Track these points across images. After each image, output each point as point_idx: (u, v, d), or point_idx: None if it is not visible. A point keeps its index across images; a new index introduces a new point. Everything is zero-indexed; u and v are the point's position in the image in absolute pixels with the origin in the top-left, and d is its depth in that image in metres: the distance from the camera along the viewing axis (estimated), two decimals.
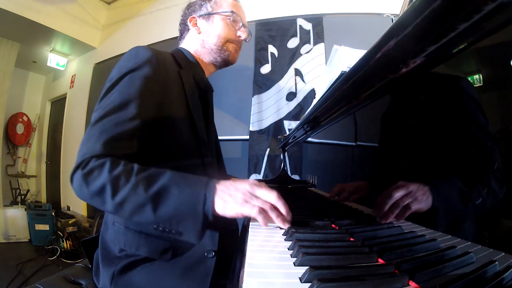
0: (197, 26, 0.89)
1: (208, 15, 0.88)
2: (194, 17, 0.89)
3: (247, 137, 2.44)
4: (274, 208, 0.57)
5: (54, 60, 3.92)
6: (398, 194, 0.48)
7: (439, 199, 0.40)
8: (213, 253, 0.64)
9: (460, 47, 0.34)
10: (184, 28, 0.92)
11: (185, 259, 0.64)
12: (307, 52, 2.39)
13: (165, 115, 0.68)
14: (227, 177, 1.04)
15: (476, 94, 0.34)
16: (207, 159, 0.76)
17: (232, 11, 0.88)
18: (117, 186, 0.54)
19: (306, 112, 0.97)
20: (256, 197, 0.57)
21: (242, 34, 0.90)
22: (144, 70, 0.65)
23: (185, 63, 0.83)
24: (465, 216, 0.36)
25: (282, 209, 0.57)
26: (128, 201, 0.54)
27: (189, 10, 0.91)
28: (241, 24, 0.90)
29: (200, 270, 0.63)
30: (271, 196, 0.57)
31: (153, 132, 0.65)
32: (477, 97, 0.34)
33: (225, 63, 0.91)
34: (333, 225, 0.58)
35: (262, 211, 0.56)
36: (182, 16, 0.94)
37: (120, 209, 0.54)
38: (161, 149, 0.68)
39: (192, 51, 0.89)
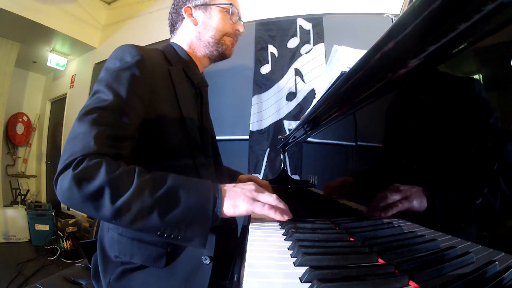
0: (193, 17, 0.83)
1: (205, 5, 0.82)
2: (190, 7, 0.83)
3: (247, 137, 2.44)
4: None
5: (54, 60, 3.92)
6: (390, 193, 0.48)
7: (438, 201, 0.40)
8: (209, 259, 0.62)
9: (460, 47, 0.34)
10: (177, 18, 0.86)
11: (181, 266, 0.63)
12: (307, 52, 2.39)
13: (154, 116, 0.66)
14: (224, 176, 1.03)
15: (486, 95, 0.34)
16: (199, 160, 0.73)
17: (231, 4, 0.83)
18: (118, 189, 0.49)
19: (306, 112, 0.97)
20: (263, 193, 0.59)
21: (240, 27, 0.87)
22: (132, 70, 0.63)
23: (176, 60, 0.79)
24: (476, 218, 0.36)
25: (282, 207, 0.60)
26: (132, 206, 0.49)
27: None
28: (238, 17, 0.86)
29: (196, 277, 0.62)
30: (273, 196, 0.60)
31: (142, 133, 0.64)
32: (487, 98, 0.34)
33: (221, 57, 0.87)
34: (336, 228, 0.58)
35: (273, 207, 0.58)
36: (174, 4, 0.87)
37: (120, 215, 0.49)
38: (151, 151, 0.66)
39: (185, 44, 0.84)
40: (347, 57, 0.65)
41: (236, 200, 0.56)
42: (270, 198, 0.59)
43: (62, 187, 0.50)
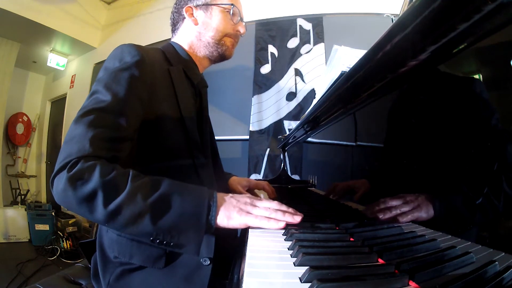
0: (194, 17, 0.83)
1: (206, 5, 0.82)
2: (191, 7, 0.83)
3: (247, 137, 2.44)
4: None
5: (54, 60, 3.92)
6: (395, 201, 0.48)
7: (438, 201, 0.40)
8: (209, 260, 0.62)
9: (460, 47, 0.34)
10: (178, 18, 0.86)
11: (180, 267, 0.62)
12: (307, 52, 2.39)
13: (153, 116, 0.65)
14: (224, 176, 1.03)
15: (487, 95, 0.34)
16: (199, 161, 0.73)
17: (232, 4, 0.83)
18: (111, 192, 0.49)
19: (306, 112, 0.97)
20: (258, 207, 0.58)
21: (241, 28, 0.86)
22: (131, 71, 0.62)
23: (176, 60, 0.79)
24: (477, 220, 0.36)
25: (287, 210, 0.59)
26: (123, 210, 0.49)
27: None
28: (239, 18, 0.85)
29: (196, 278, 0.61)
30: (272, 204, 0.59)
31: (141, 134, 0.63)
32: (488, 98, 0.34)
33: (221, 58, 0.87)
34: (336, 228, 0.58)
35: (268, 218, 0.56)
36: (176, 4, 0.87)
37: (112, 218, 0.49)
38: (150, 151, 0.66)
39: (186, 44, 0.84)
40: (347, 57, 0.65)
41: (231, 212, 0.55)
42: (266, 212, 0.57)
43: (57, 188, 0.50)
